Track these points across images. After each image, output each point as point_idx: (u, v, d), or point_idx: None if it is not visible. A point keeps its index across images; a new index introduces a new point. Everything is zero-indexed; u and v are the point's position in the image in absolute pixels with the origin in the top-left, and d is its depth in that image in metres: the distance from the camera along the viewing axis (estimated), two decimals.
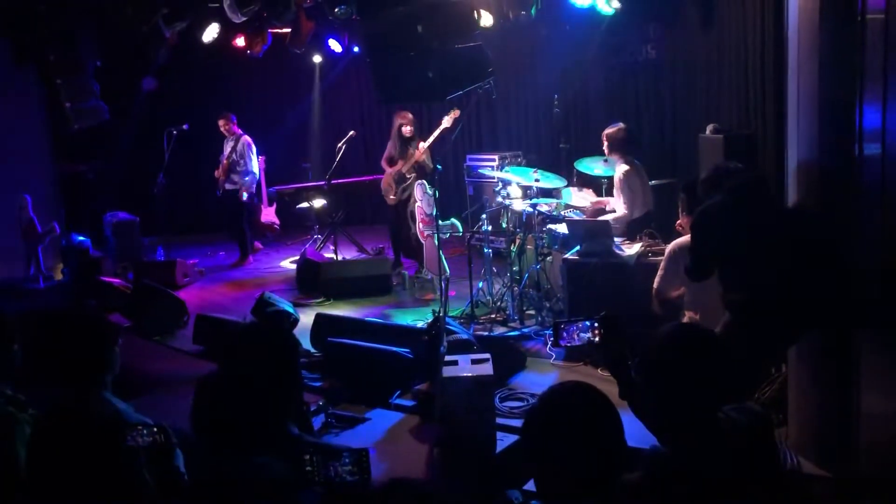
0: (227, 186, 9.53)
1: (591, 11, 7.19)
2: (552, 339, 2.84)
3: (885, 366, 3.59)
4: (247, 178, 9.50)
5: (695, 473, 2.10)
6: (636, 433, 2.69)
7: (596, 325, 2.70)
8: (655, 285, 5.20)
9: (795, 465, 3.98)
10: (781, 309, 3.79)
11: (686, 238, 4.83)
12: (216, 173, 9.60)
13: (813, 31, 3.83)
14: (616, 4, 7.01)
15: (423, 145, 8.12)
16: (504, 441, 4.59)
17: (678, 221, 5.23)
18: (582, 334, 2.72)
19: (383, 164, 8.46)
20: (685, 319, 4.98)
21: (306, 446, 2.22)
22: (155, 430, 2.70)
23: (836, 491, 3.84)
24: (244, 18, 7.56)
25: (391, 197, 8.34)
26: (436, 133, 8.08)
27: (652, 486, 2.11)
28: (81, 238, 9.33)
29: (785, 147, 4.48)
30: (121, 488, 2.61)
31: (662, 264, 5.25)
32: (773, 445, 2.31)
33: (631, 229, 6.31)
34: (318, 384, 5.66)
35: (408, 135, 8.22)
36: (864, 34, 3.57)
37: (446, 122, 7.90)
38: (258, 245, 10.33)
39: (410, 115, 8.28)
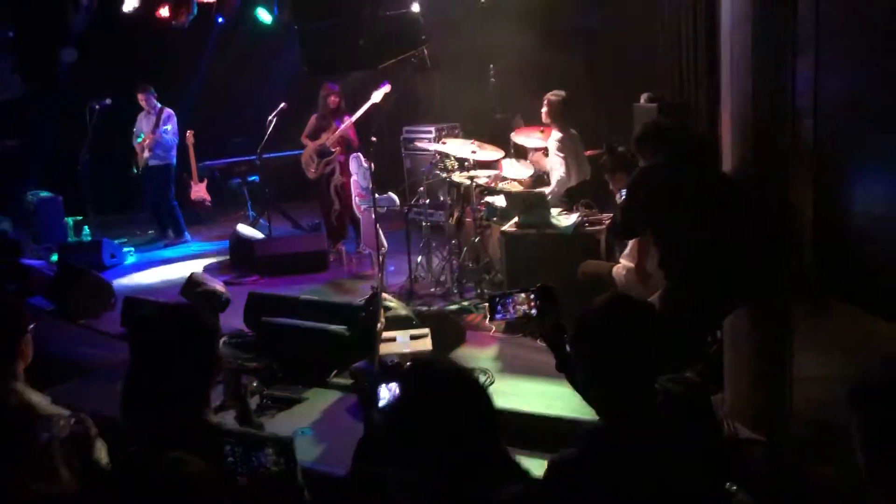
0: (152, 162, 9.20)
1: None
2: (488, 312, 2.76)
3: (816, 332, 3.63)
4: (172, 152, 9.19)
5: (632, 445, 2.06)
6: (577, 405, 2.66)
7: (532, 296, 2.64)
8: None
9: (732, 431, 4.02)
10: (719, 277, 3.81)
11: None
12: (136, 149, 9.25)
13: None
14: None
15: (350, 120, 7.93)
16: None
17: (611, 187, 5.20)
18: (518, 307, 2.66)
19: (303, 139, 8.22)
20: (622, 269, 4.98)
21: (227, 436, 2.10)
22: (73, 420, 2.56)
23: (772, 453, 3.90)
24: None
25: (311, 171, 8.15)
26: (363, 108, 7.90)
27: (589, 461, 2.06)
28: (0, 218, 8.91)
29: (718, 116, 4.49)
30: (35, 482, 2.45)
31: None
32: (711, 416, 2.28)
33: (567, 199, 6.29)
34: (252, 365, 5.50)
35: (333, 106, 8.02)
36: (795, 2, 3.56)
37: (376, 96, 7.72)
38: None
39: (337, 87, 8.07)
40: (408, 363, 1.96)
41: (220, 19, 8.39)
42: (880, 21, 3.06)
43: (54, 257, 8.38)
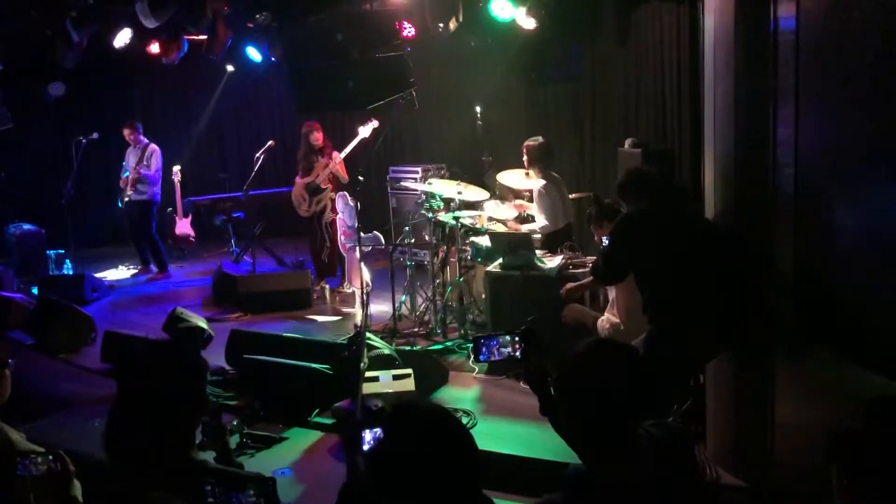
0: (135, 197, 9.18)
1: (513, 26, 7.22)
2: (472, 353, 2.77)
3: (798, 378, 3.65)
4: (155, 188, 9.20)
5: (614, 491, 2.06)
6: (560, 449, 2.66)
7: (516, 339, 2.65)
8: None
9: (714, 476, 4.02)
10: (701, 322, 3.84)
11: None
12: (121, 183, 9.24)
13: (728, 47, 3.91)
14: (533, 23, 7.05)
15: (339, 156, 7.97)
16: None
17: (595, 238, 5.25)
18: (502, 349, 2.67)
19: (298, 177, 8.27)
20: (606, 323, 5.01)
21: (209, 475, 2.08)
22: (50, 457, 2.52)
23: (754, 500, 3.89)
24: (158, 24, 7.31)
25: (303, 209, 8.18)
26: (353, 143, 7.96)
27: None
28: None
29: (701, 161, 4.57)
30: None
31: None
32: (693, 462, 2.29)
33: (552, 242, 6.34)
34: (233, 403, 5.46)
35: (318, 144, 8.07)
36: (777, 50, 3.65)
37: (363, 131, 7.79)
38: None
39: (317, 124, 8.13)
40: (391, 407, 1.96)
41: (211, 57, 8.44)
42: (859, 72, 3.14)
43: (35, 290, 8.29)
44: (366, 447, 2.32)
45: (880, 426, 1.49)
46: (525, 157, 6.57)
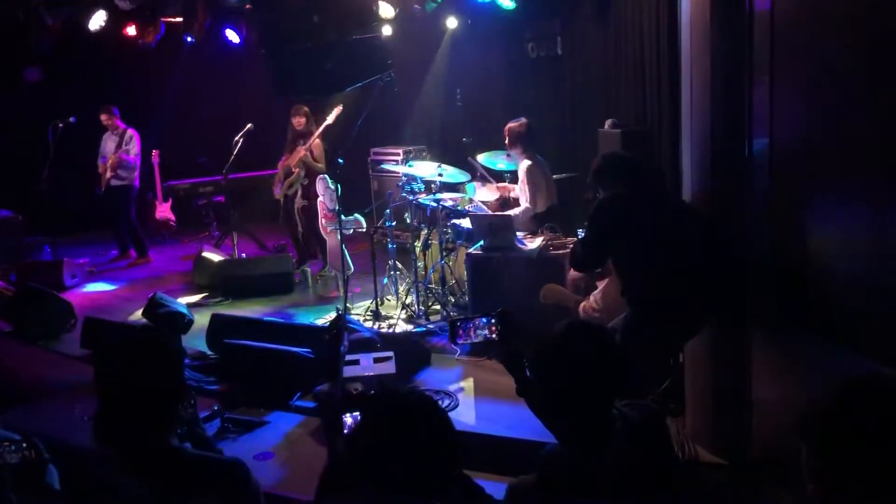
0: (114, 182, 9.09)
1: (493, 6, 7.18)
2: (449, 336, 2.78)
3: (775, 357, 3.68)
4: (135, 173, 9.12)
5: (588, 471, 2.07)
6: (539, 428, 2.67)
7: (492, 321, 2.65)
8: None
9: (693, 454, 4.06)
10: (680, 304, 3.86)
11: None
12: (100, 169, 9.15)
13: (704, 27, 3.90)
14: (512, 2, 7.01)
15: (310, 142, 7.92)
16: None
17: None
18: (479, 331, 2.67)
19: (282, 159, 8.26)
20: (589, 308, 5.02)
21: (186, 461, 2.08)
22: (24, 445, 2.50)
23: (732, 477, 3.93)
24: (133, 6, 7.21)
25: (276, 190, 8.16)
26: (319, 130, 7.91)
27: (546, 487, 2.07)
28: None
29: (680, 142, 4.57)
30: None
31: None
32: (668, 442, 2.30)
33: (533, 224, 6.34)
34: (214, 387, 5.44)
35: (298, 127, 8.03)
36: (752, 30, 3.65)
37: (329, 118, 7.75)
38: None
39: (305, 108, 8.07)
40: (371, 392, 1.97)
41: (189, 39, 8.33)
42: (834, 51, 3.15)
43: (13, 277, 8.21)
44: (346, 431, 2.33)
45: (853, 407, 1.49)
46: (507, 139, 6.54)
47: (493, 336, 2.69)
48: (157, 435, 2.14)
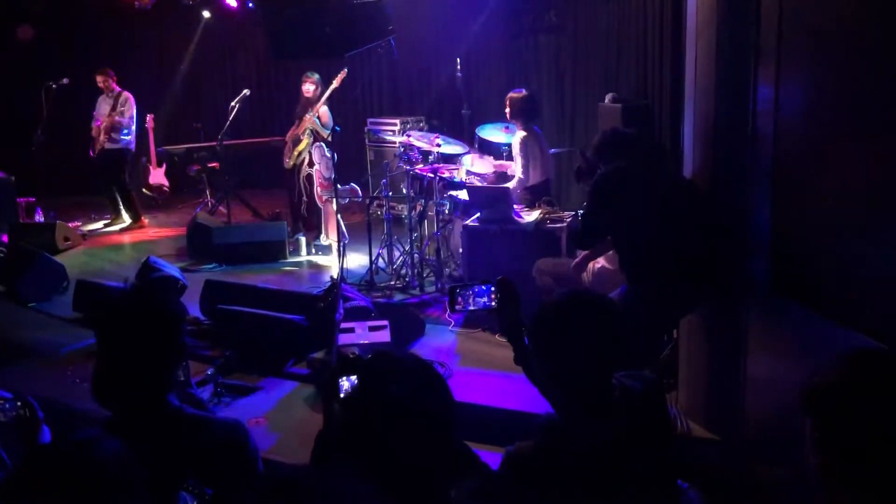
0: (108, 146, 9.00)
1: None
2: (448, 304, 2.76)
3: (770, 333, 3.68)
4: (129, 137, 9.03)
5: (587, 441, 2.06)
6: (533, 399, 2.67)
7: (492, 289, 2.63)
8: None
9: (686, 429, 4.08)
10: (677, 279, 3.85)
11: None
12: (93, 132, 9.06)
13: (710, 4, 3.85)
14: None
15: (316, 108, 7.84)
16: None
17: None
18: (477, 299, 2.65)
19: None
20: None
21: (186, 421, 2.07)
22: (19, 404, 2.48)
23: (724, 454, 3.95)
24: None
25: (286, 160, 8.09)
26: (324, 96, 7.83)
27: (544, 455, 2.06)
28: None
29: (681, 118, 4.53)
30: None
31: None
32: (665, 413, 2.30)
33: (530, 196, 6.31)
34: (207, 353, 5.43)
35: (307, 95, 7.95)
36: (759, 8, 3.60)
37: (335, 82, 7.67)
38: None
39: (315, 76, 7.98)
40: (367, 356, 1.93)
41: (186, 2, 8.23)
42: (842, 32, 3.11)
43: (5, 238, 8.15)
44: (342, 395, 2.31)
45: (862, 378, 1.48)
46: (508, 109, 6.48)
47: (493, 304, 2.67)
48: (159, 395, 2.12)
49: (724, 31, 3.80)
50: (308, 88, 7.93)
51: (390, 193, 7.05)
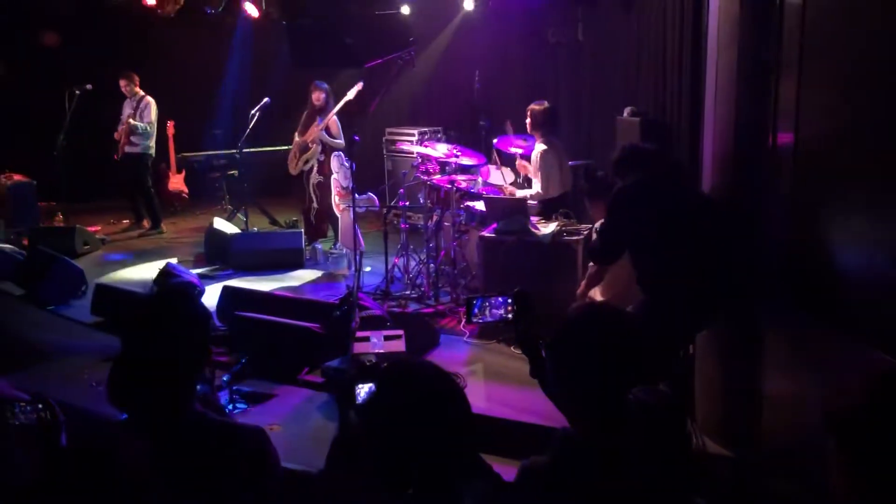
0: (128, 149, 9.11)
1: None
2: (465, 315, 2.77)
3: (786, 352, 3.66)
4: (148, 141, 9.12)
5: (603, 455, 2.06)
6: (549, 412, 2.66)
7: (509, 301, 2.64)
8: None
9: (701, 446, 4.04)
10: (693, 294, 3.84)
11: None
12: (116, 135, 9.16)
13: (733, 18, 3.85)
14: None
15: (327, 118, 7.87)
16: None
17: (590, 212, 5.22)
18: (494, 310, 2.66)
19: (295, 135, 8.22)
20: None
21: (209, 427, 2.08)
22: (40, 406, 2.50)
23: (739, 471, 3.92)
24: None
25: (292, 167, 8.13)
26: (337, 107, 7.86)
27: (561, 468, 2.06)
28: None
29: (700, 133, 4.53)
30: None
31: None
32: (682, 428, 2.29)
33: (547, 209, 6.32)
34: (223, 359, 5.45)
35: (316, 103, 7.98)
36: (782, 22, 3.60)
37: (350, 94, 7.71)
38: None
39: (325, 86, 8.02)
40: (385, 364, 1.94)
41: (208, 11, 8.31)
42: (867, 45, 3.10)
43: (26, 242, 8.24)
44: (358, 402, 2.32)
45: (889, 400, 1.47)
46: (528, 121, 6.50)
47: (509, 316, 2.68)
48: (184, 399, 2.12)
49: (746, 49, 3.80)
50: (318, 97, 7.96)
51: (407, 203, 7.08)
